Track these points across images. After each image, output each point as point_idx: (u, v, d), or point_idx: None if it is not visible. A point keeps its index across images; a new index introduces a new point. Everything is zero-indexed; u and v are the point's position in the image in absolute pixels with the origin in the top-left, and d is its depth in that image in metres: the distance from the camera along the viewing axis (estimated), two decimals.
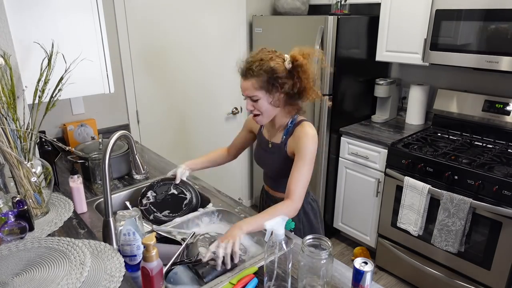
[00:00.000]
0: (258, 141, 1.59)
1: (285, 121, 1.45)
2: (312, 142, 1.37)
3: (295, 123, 1.43)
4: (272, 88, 1.32)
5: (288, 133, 1.43)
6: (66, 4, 1.61)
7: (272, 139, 1.49)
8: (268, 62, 1.30)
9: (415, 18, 2.33)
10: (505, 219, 1.88)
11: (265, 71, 1.30)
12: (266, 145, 1.51)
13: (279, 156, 1.45)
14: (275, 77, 1.31)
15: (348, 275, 1.11)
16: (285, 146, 1.43)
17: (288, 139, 1.42)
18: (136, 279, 1.10)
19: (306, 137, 1.37)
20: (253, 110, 1.37)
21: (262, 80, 1.31)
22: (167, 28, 2.51)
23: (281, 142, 1.44)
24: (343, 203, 2.78)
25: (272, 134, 1.50)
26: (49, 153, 1.64)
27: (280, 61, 1.32)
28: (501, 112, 2.28)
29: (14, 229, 1.18)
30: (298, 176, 1.35)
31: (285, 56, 1.35)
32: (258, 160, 1.60)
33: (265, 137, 1.53)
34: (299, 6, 2.83)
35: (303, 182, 1.36)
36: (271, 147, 1.49)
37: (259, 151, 1.58)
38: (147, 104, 2.56)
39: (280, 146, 1.45)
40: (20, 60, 1.47)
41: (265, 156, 1.53)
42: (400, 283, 2.49)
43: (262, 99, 1.34)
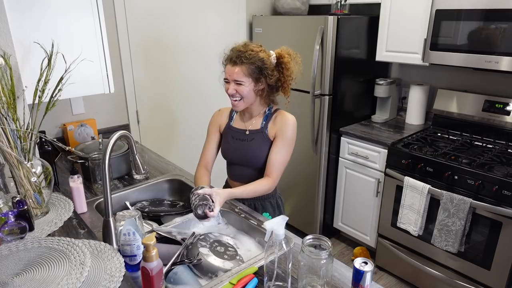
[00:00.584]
0: (228, 135, 1.61)
1: (262, 109, 1.57)
2: (293, 128, 1.52)
3: (272, 111, 1.56)
4: (260, 76, 1.44)
5: (267, 118, 1.55)
6: (66, 4, 1.61)
7: (248, 127, 1.57)
8: (259, 54, 1.43)
9: (415, 18, 2.33)
10: (505, 219, 1.88)
11: (257, 60, 1.42)
12: (242, 134, 1.58)
13: (260, 141, 1.54)
14: (264, 67, 1.43)
15: (348, 275, 1.11)
16: (266, 130, 1.53)
17: (268, 124, 1.54)
18: (136, 279, 1.10)
19: (288, 122, 1.51)
20: (235, 93, 1.45)
21: (251, 69, 1.42)
22: (167, 28, 2.51)
23: (261, 127, 1.54)
24: (343, 203, 2.78)
25: (248, 123, 1.58)
26: (49, 153, 1.64)
27: (267, 55, 1.46)
28: (501, 112, 2.28)
29: (14, 229, 1.18)
30: (279, 157, 1.50)
31: (270, 52, 1.48)
32: (231, 153, 1.60)
33: (238, 128, 1.60)
34: (299, 6, 2.83)
35: (282, 163, 1.52)
36: (249, 134, 1.56)
37: (232, 143, 1.59)
38: (147, 104, 2.56)
39: (260, 131, 1.54)
40: (20, 60, 1.47)
41: (242, 145, 1.57)
42: (400, 283, 2.49)
43: (247, 85, 1.44)
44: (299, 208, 2.93)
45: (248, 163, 1.58)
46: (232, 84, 1.45)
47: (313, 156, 2.70)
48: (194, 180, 1.61)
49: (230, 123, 1.63)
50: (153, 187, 1.79)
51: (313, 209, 2.81)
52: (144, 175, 1.84)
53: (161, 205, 1.66)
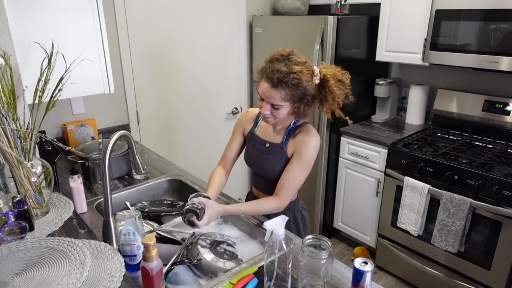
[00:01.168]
0: (250, 142, 1.53)
1: (288, 122, 1.43)
2: (314, 150, 1.37)
3: (297, 124, 1.42)
4: (300, 103, 1.31)
5: (289, 134, 1.41)
6: (66, 4, 1.61)
7: (270, 139, 1.46)
8: (302, 79, 1.26)
9: (415, 18, 2.33)
10: (505, 219, 1.88)
11: (297, 87, 1.26)
12: (263, 145, 1.47)
13: (278, 157, 1.42)
14: (306, 94, 1.29)
15: (348, 275, 1.11)
16: (285, 146, 1.41)
17: (289, 139, 1.41)
18: (136, 279, 1.10)
19: (310, 143, 1.36)
20: (269, 114, 1.33)
21: (292, 94, 1.27)
22: (167, 28, 2.51)
23: (281, 142, 1.42)
24: (343, 203, 2.78)
25: (270, 134, 1.47)
26: (49, 153, 1.64)
27: (310, 76, 1.29)
28: (501, 112, 2.28)
29: (14, 229, 1.18)
30: (292, 177, 1.37)
31: (314, 68, 1.32)
32: (252, 161, 1.53)
33: (260, 137, 1.49)
34: (299, 6, 2.83)
35: (295, 184, 1.39)
36: (268, 146, 1.45)
37: (252, 152, 1.51)
38: (147, 104, 2.56)
39: (279, 146, 1.42)
40: (20, 60, 1.47)
41: (260, 157, 1.47)
42: (400, 283, 2.49)
43: (284, 108, 1.31)
44: None
45: (265, 175, 1.49)
46: (268, 106, 1.31)
47: None
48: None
49: (254, 129, 1.52)
50: (153, 187, 1.79)
51: (313, 209, 2.81)
52: (144, 175, 1.83)
53: (161, 205, 1.66)
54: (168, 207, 1.65)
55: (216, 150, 2.98)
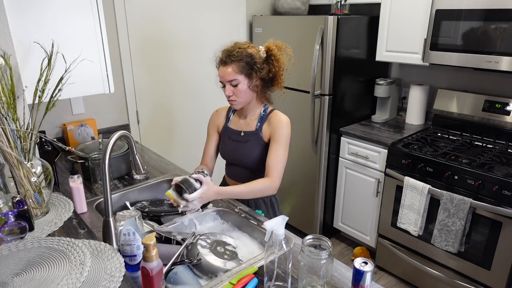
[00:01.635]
0: (225, 136, 1.65)
1: (257, 110, 1.58)
2: (287, 127, 1.52)
3: (267, 111, 1.58)
4: (251, 71, 1.46)
5: (262, 120, 1.56)
6: (66, 4, 1.61)
7: (244, 128, 1.59)
8: (246, 49, 1.45)
9: (415, 18, 2.33)
10: (505, 219, 1.88)
11: (245, 56, 1.44)
12: (238, 135, 1.60)
13: (255, 143, 1.55)
14: (253, 62, 1.45)
15: (348, 275, 1.11)
16: (260, 132, 1.55)
17: (262, 125, 1.56)
18: (136, 279, 1.10)
19: (281, 122, 1.52)
20: (231, 95, 1.48)
21: (242, 65, 1.44)
22: (167, 28, 2.51)
23: (256, 129, 1.56)
24: (343, 203, 2.78)
25: (243, 124, 1.61)
26: (49, 153, 1.64)
27: (256, 50, 1.48)
28: (501, 112, 2.28)
29: (14, 229, 1.18)
30: (276, 158, 1.50)
31: (259, 47, 1.50)
32: (229, 153, 1.64)
33: (234, 129, 1.62)
34: (299, 6, 2.83)
35: (281, 163, 1.52)
36: (244, 135, 1.58)
37: (228, 144, 1.63)
38: (147, 104, 2.56)
39: (255, 133, 1.56)
40: (20, 60, 1.47)
41: (237, 146, 1.59)
42: (400, 283, 2.49)
43: (242, 83, 1.46)
44: (299, 208, 2.93)
45: (243, 164, 1.61)
46: (228, 85, 1.47)
47: (313, 156, 2.70)
48: None
49: (227, 123, 1.66)
50: (153, 187, 1.79)
51: (313, 209, 2.81)
52: (144, 175, 1.83)
53: (161, 205, 1.66)
54: (168, 207, 1.65)
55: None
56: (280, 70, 1.51)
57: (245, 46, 1.47)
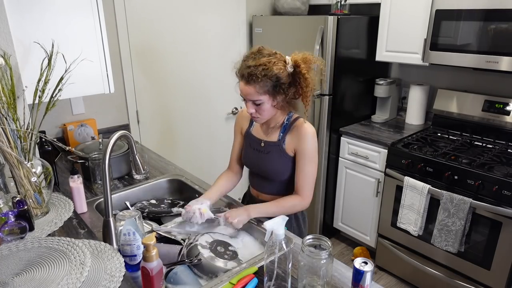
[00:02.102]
0: (247, 142, 1.53)
1: (280, 118, 1.44)
2: (313, 140, 1.39)
3: (291, 120, 1.43)
4: (277, 94, 1.31)
5: (285, 130, 1.42)
6: (66, 4, 1.61)
7: (266, 138, 1.46)
8: (272, 68, 1.27)
9: (415, 18, 2.33)
10: (505, 219, 1.88)
11: (269, 78, 1.27)
12: (258, 145, 1.47)
13: (277, 155, 1.42)
14: (280, 84, 1.29)
15: (348, 275, 1.11)
16: (283, 143, 1.41)
17: (285, 136, 1.41)
18: (136, 279, 1.10)
19: (307, 135, 1.38)
20: (254, 112, 1.35)
21: (266, 86, 1.28)
22: (167, 28, 2.51)
23: (278, 140, 1.42)
24: (343, 203, 2.78)
25: (265, 133, 1.47)
26: (49, 153, 1.64)
27: (282, 65, 1.30)
28: (501, 112, 2.28)
29: (14, 229, 1.18)
30: (305, 175, 1.39)
31: (286, 58, 1.32)
32: (250, 162, 1.53)
33: (256, 136, 1.49)
34: (299, 6, 2.83)
35: (310, 179, 1.40)
36: (264, 145, 1.45)
37: (250, 152, 1.52)
38: (147, 104, 2.56)
39: (277, 145, 1.42)
40: (20, 60, 1.47)
41: (259, 157, 1.47)
42: (400, 283, 2.49)
43: (266, 103, 1.32)
44: None
45: (266, 175, 1.49)
46: (250, 104, 1.33)
47: None
48: None
49: (250, 128, 1.53)
50: (153, 187, 1.79)
51: (313, 209, 2.81)
52: (144, 175, 1.83)
53: (161, 205, 1.66)
54: (168, 207, 1.65)
55: (216, 149, 2.99)
56: (308, 90, 1.34)
57: (271, 63, 1.28)
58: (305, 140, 1.37)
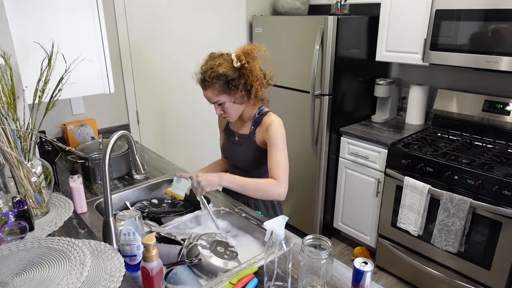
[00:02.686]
0: (226, 135, 1.66)
1: (252, 112, 1.55)
2: (279, 128, 1.47)
3: (262, 113, 1.53)
4: (230, 90, 1.41)
5: (256, 123, 1.53)
6: (66, 4, 1.61)
7: (239, 131, 1.58)
8: (217, 69, 1.38)
9: (415, 18, 2.33)
10: (505, 219, 1.88)
11: (217, 78, 1.38)
12: (233, 137, 1.60)
13: (249, 147, 1.54)
14: (228, 81, 1.39)
15: (348, 275, 1.11)
16: (253, 135, 1.52)
17: (256, 129, 1.52)
18: (136, 279, 1.10)
19: (274, 124, 1.47)
20: (223, 113, 1.48)
21: (219, 86, 1.40)
22: (167, 28, 2.51)
23: (250, 133, 1.54)
24: (343, 203, 2.78)
25: (239, 126, 1.59)
26: (49, 153, 1.64)
27: (229, 64, 1.40)
28: (501, 112, 2.28)
29: (14, 229, 1.18)
30: (277, 161, 1.45)
31: (232, 56, 1.42)
32: (226, 153, 1.67)
33: (232, 130, 1.62)
34: (299, 6, 2.83)
35: (283, 166, 1.46)
36: (238, 139, 1.58)
37: (227, 144, 1.65)
38: (147, 104, 2.56)
39: (248, 137, 1.54)
40: (20, 60, 1.47)
41: (233, 149, 1.60)
42: (400, 283, 2.49)
43: (227, 102, 1.43)
44: (299, 208, 2.93)
45: (239, 166, 1.61)
46: (216, 105, 1.46)
47: (313, 156, 2.70)
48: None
49: (229, 124, 1.66)
50: (153, 187, 1.79)
51: (313, 209, 2.81)
52: (144, 175, 1.83)
53: (161, 205, 1.66)
54: (168, 207, 1.65)
55: (216, 149, 2.97)
56: (256, 80, 1.43)
57: (216, 63, 1.39)
58: (270, 128, 1.46)
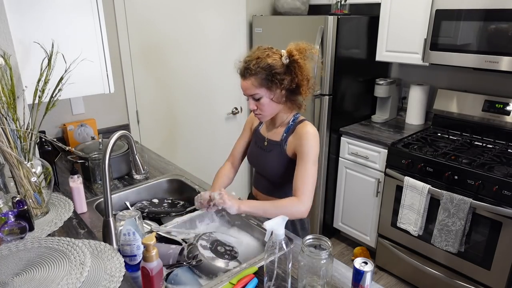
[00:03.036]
0: (254, 139, 1.54)
1: (286, 118, 1.43)
2: (315, 142, 1.35)
3: (296, 121, 1.41)
4: (272, 84, 1.30)
5: (289, 131, 1.41)
6: (66, 4, 1.61)
7: (270, 136, 1.46)
8: (265, 59, 1.29)
9: (415, 18, 2.33)
10: (505, 219, 1.88)
11: (262, 68, 1.29)
12: (262, 143, 1.48)
13: (277, 155, 1.42)
14: (273, 73, 1.29)
15: (348, 275, 1.11)
16: (285, 144, 1.40)
17: (288, 137, 1.40)
18: (136, 279, 1.10)
19: (309, 136, 1.35)
20: (255, 109, 1.36)
21: (261, 78, 1.29)
22: (167, 28, 2.51)
23: (281, 140, 1.41)
24: (343, 203, 2.78)
25: (271, 131, 1.47)
26: (49, 153, 1.64)
27: (277, 57, 1.31)
28: (501, 112, 2.28)
29: (14, 229, 1.18)
30: (304, 176, 1.33)
31: (282, 51, 1.33)
32: (252, 159, 1.54)
33: (262, 134, 1.50)
34: (299, 6, 2.83)
35: (310, 182, 1.33)
36: (267, 144, 1.45)
37: (254, 149, 1.53)
38: (147, 104, 2.56)
39: (279, 144, 1.41)
40: (20, 60, 1.47)
41: (260, 155, 1.48)
42: (400, 283, 2.49)
43: (264, 97, 1.32)
44: None
45: (265, 174, 1.50)
46: (251, 99, 1.35)
47: None
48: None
49: (259, 127, 1.55)
50: (153, 187, 1.79)
51: (313, 209, 2.80)
52: (144, 175, 1.83)
53: (161, 205, 1.66)
54: (168, 207, 1.66)
55: (216, 150, 2.98)
56: (304, 79, 1.34)
57: (264, 55, 1.31)
58: (305, 140, 1.34)
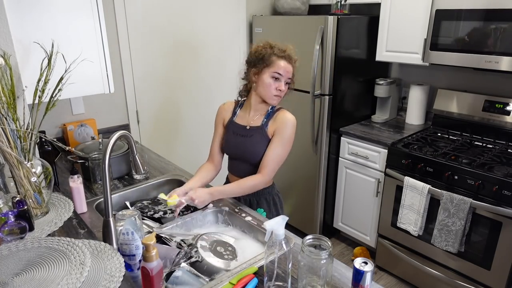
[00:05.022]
0: (230, 130, 1.64)
1: (266, 108, 1.59)
2: (292, 127, 1.54)
3: (275, 109, 1.59)
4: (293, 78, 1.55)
5: (269, 117, 1.57)
6: (66, 4, 1.61)
7: (250, 123, 1.59)
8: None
9: (415, 18, 2.33)
10: (505, 219, 1.88)
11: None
12: (243, 130, 1.60)
13: (259, 138, 1.55)
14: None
15: (348, 275, 1.11)
16: (266, 127, 1.56)
17: (268, 121, 1.56)
18: (136, 279, 1.10)
19: (287, 121, 1.53)
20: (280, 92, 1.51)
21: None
22: (167, 28, 2.51)
23: (262, 125, 1.56)
24: (343, 203, 2.78)
25: (250, 119, 1.60)
26: (49, 153, 1.64)
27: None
28: (501, 112, 2.28)
29: (14, 229, 1.18)
30: (274, 154, 1.52)
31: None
32: (232, 148, 1.63)
33: (240, 123, 1.62)
34: (299, 6, 2.83)
35: (277, 160, 1.53)
36: (249, 129, 1.58)
37: (232, 138, 1.62)
38: (147, 104, 2.56)
39: (260, 128, 1.56)
40: (20, 60, 1.47)
41: (241, 141, 1.59)
42: (400, 283, 2.49)
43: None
44: (299, 208, 2.93)
45: (246, 159, 1.60)
46: (283, 81, 1.50)
47: (313, 156, 2.70)
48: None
49: (233, 118, 1.65)
50: (153, 187, 1.79)
51: (313, 209, 2.81)
52: (144, 175, 1.83)
53: (161, 205, 1.66)
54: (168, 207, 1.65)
55: None
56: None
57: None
58: (285, 124, 1.52)
